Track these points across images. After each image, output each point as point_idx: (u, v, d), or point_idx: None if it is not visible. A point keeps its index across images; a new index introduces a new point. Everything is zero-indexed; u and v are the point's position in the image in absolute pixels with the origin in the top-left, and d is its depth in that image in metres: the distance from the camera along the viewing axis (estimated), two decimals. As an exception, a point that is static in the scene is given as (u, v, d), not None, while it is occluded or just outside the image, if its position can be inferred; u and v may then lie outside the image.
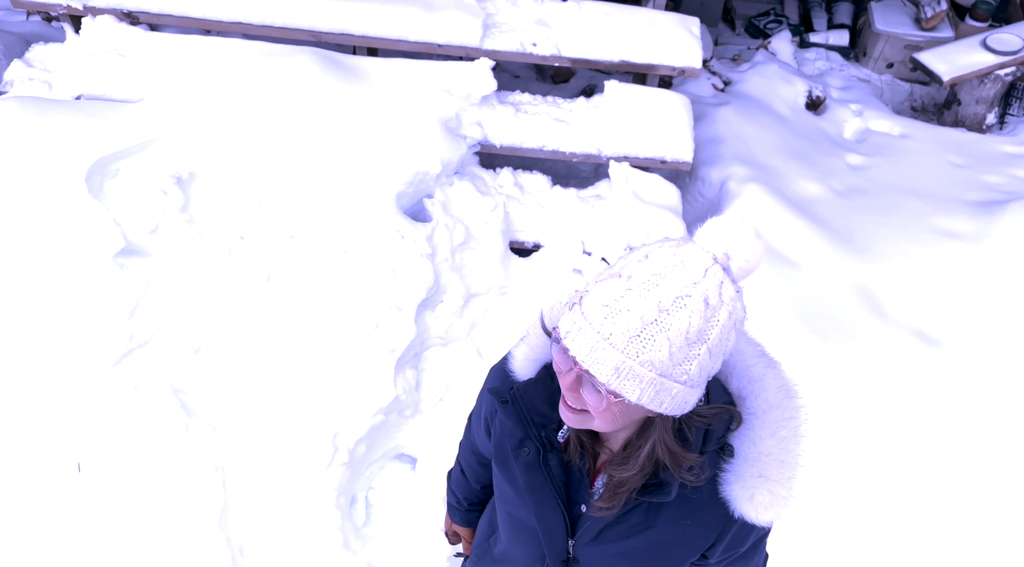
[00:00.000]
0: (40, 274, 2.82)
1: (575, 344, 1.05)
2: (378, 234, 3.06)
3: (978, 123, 4.86)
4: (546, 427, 1.32)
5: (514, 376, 1.36)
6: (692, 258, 1.03)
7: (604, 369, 1.03)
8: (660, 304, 1.01)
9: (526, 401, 1.32)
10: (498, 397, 1.36)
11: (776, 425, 1.21)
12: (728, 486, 1.23)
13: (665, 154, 3.47)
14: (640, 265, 1.04)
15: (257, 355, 2.83)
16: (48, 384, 2.69)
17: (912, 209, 3.88)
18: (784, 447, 1.21)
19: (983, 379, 3.14)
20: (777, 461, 1.20)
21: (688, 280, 1.02)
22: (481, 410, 1.54)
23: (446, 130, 3.36)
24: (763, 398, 1.23)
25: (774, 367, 1.27)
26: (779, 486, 1.21)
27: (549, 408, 1.31)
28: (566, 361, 1.11)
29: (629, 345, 1.02)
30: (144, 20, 3.72)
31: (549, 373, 1.32)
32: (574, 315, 1.06)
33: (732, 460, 1.23)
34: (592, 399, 1.10)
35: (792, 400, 1.24)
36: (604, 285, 1.06)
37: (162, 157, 3.07)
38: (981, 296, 3.38)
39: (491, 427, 1.46)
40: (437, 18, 3.67)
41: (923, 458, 2.95)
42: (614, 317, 1.02)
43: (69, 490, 2.59)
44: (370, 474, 2.94)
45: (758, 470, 1.21)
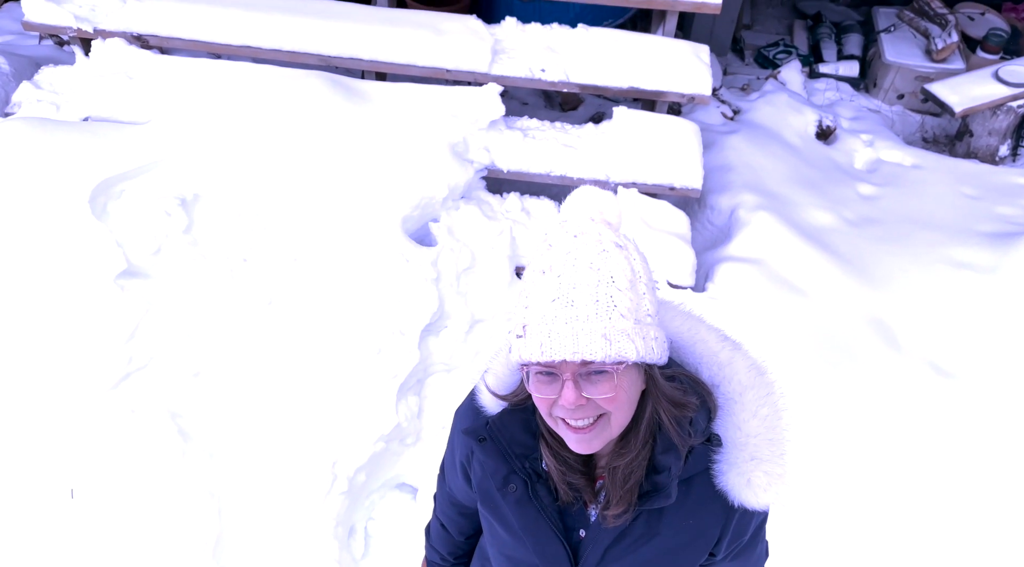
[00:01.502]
0: (41, 294, 2.78)
1: (555, 347, 1.05)
2: (383, 258, 3.02)
3: (991, 155, 4.82)
4: (528, 457, 1.27)
5: (485, 411, 1.32)
6: (582, 226, 1.11)
7: (595, 345, 1.05)
8: (591, 266, 1.07)
9: (504, 433, 1.28)
10: (474, 436, 1.31)
11: (756, 405, 1.22)
12: (722, 476, 1.22)
13: (674, 181, 3.43)
14: (550, 255, 1.10)
15: (257, 380, 2.78)
16: (44, 407, 2.64)
17: (925, 240, 3.82)
18: (769, 425, 1.21)
19: (996, 411, 3.07)
20: (766, 440, 1.21)
21: (594, 240, 1.09)
22: (455, 456, 1.46)
23: (453, 154, 3.33)
24: (736, 381, 1.24)
25: (739, 349, 1.27)
26: (773, 465, 1.20)
27: (529, 437, 1.27)
28: (552, 382, 1.10)
29: (598, 311, 1.06)
30: (154, 44, 3.74)
31: None
32: (534, 332, 1.07)
33: (721, 450, 1.22)
34: (601, 388, 1.09)
35: (764, 377, 1.24)
36: (536, 290, 1.08)
37: (167, 178, 3.06)
38: (995, 328, 3.31)
39: (469, 471, 1.40)
40: (446, 43, 3.67)
41: (935, 489, 2.88)
42: (569, 300, 1.06)
43: (61, 517, 2.53)
44: (370, 504, 2.87)
45: (749, 453, 1.20)
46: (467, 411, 1.38)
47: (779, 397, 1.24)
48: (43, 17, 3.69)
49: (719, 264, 3.42)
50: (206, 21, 3.72)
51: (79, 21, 3.66)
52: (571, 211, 1.13)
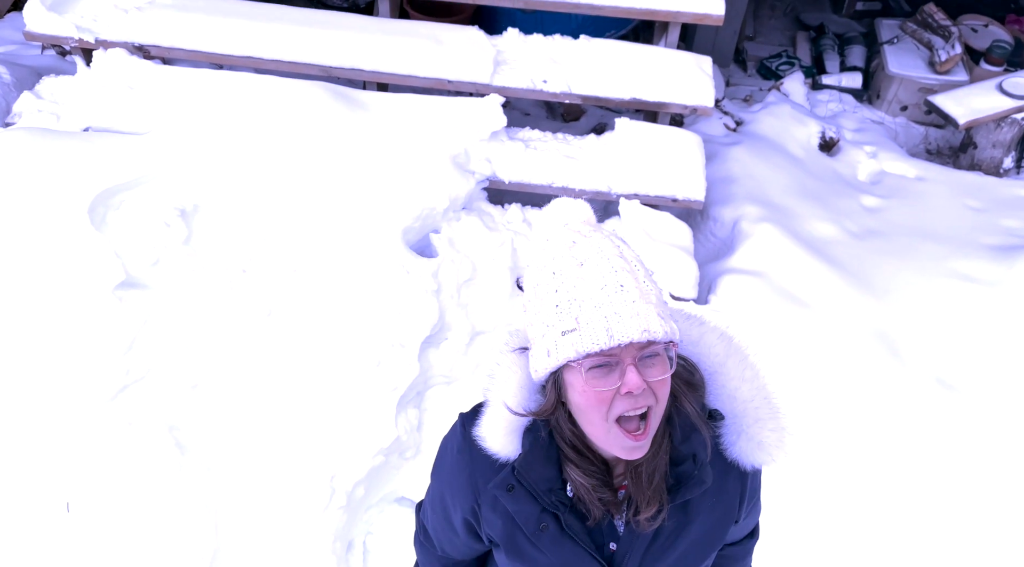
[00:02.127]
0: (39, 305, 2.77)
1: (623, 329, 1.06)
2: (383, 269, 3.00)
3: (995, 167, 4.80)
4: (553, 490, 1.24)
5: (497, 457, 1.26)
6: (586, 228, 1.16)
7: (655, 323, 1.08)
8: (621, 255, 1.12)
9: (531, 473, 1.24)
10: (503, 487, 1.26)
11: (739, 370, 1.25)
12: (732, 447, 1.25)
13: (676, 192, 3.41)
14: (577, 250, 1.12)
15: (255, 392, 2.75)
16: (41, 418, 2.62)
17: (929, 252, 3.80)
18: (758, 384, 1.25)
19: (999, 424, 3.04)
20: (762, 400, 1.24)
21: (604, 237, 1.14)
22: (451, 515, 1.39)
23: (454, 165, 3.32)
24: (713, 354, 1.27)
25: (705, 323, 1.30)
26: (776, 421, 1.24)
27: (551, 468, 1.23)
28: (609, 373, 1.10)
29: (643, 294, 1.09)
30: (156, 54, 3.73)
31: (535, 435, 1.23)
32: (592, 320, 1.08)
33: (723, 423, 1.25)
34: (656, 370, 1.10)
35: (734, 343, 1.28)
36: (578, 280, 1.10)
37: (166, 189, 3.04)
38: (999, 341, 3.29)
39: (478, 526, 1.35)
40: (447, 54, 3.67)
41: (937, 500, 2.86)
42: (618, 285, 1.09)
43: (57, 530, 2.51)
44: (368, 518, 2.84)
45: (752, 417, 1.24)
46: (470, 464, 1.30)
47: (754, 358, 1.27)
48: (45, 27, 3.68)
49: (722, 276, 3.39)
50: (208, 31, 3.72)
51: (81, 31, 3.66)
52: (562, 218, 1.17)
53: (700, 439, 1.21)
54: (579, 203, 1.19)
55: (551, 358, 1.12)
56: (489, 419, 1.26)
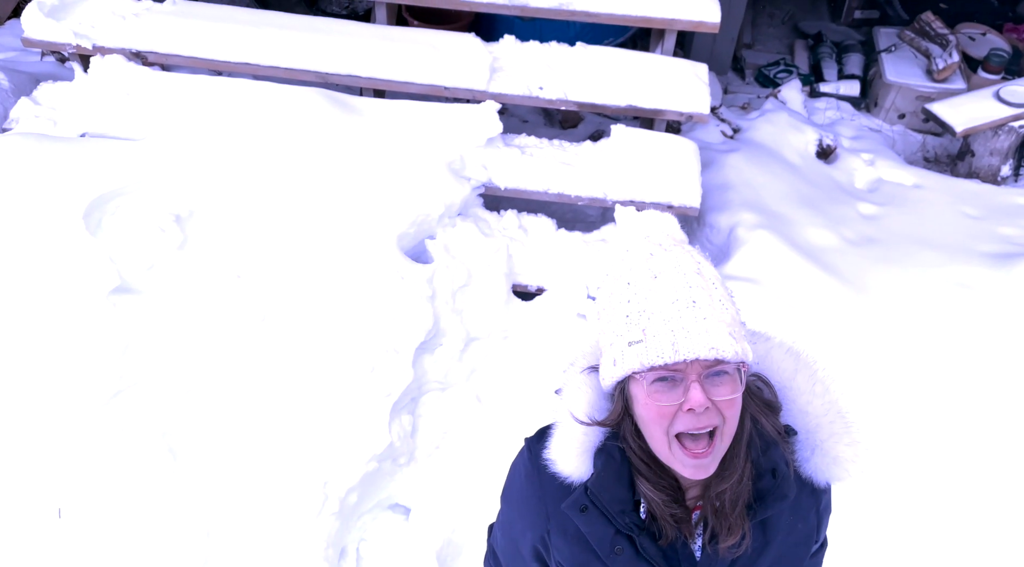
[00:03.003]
0: (33, 309, 2.77)
1: (689, 345, 1.05)
2: (378, 275, 3.00)
3: (992, 175, 4.79)
4: (627, 511, 1.22)
5: (567, 479, 1.25)
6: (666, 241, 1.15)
7: (725, 342, 1.06)
8: (698, 271, 1.11)
9: (605, 494, 1.21)
10: (576, 507, 1.24)
11: (809, 385, 1.23)
12: (807, 463, 1.23)
13: (672, 199, 3.41)
14: (654, 262, 1.12)
15: (248, 397, 2.75)
16: (33, 423, 2.62)
17: (926, 259, 3.79)
18: (831, 399, 1.22)
19: (996, 431, 3.03)
20: (836, 414, 1.22)
21: (686, 252, 1.14)
22: (519, 542, 1.37)
23: (450, 171, 3.32)
24: (781, 370, 1.25)
25: (771, 339, 1.29)
26: (851, 435, 1.21)
27: (623, 488, 1.21)
28: (673, 388, 1.09)
29: (716, 312, 1.08)
30: (153, 60, 3.74)
31: (607, 455, 1.22)
32: (660, 333, 1.07)
33: (796, 439, 1.23)
34: (723, 389, 1.08)
35: (802, 357, 1.26)
36: (650, 293, 1.09)
37: (162, 195, 3.04)
38: (996, 347, 3.28)
39: (547, 553, 1.33)
40: (444, 61, 3.67)
41: (936, 506, 2.85)
42: (690, 300, 1.08)
43: (48, 536, 2.50)
44: (362, 525, 2.82)
45: (826, 432, 1.21)
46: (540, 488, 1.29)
47: (823, 371, 1.25)
48: (42, 34, 3.70)
49: (718, 283, 3.38)
50: (205, 38, 3.73)
51: (78, 38, 3.67)
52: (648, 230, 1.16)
53: (779, 452, 1.19)
54: (666, 216, 1.21)
55: (617, 367, 1.12)
56: (559, 441, 1.25)
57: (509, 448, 2.86)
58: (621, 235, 1.11)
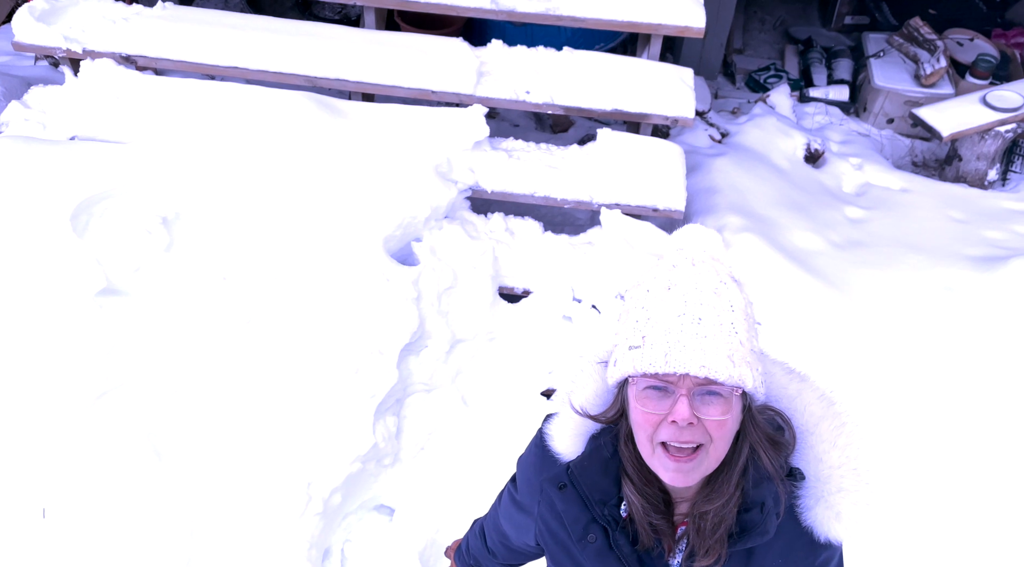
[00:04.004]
0: (19, 311, 2.78)
1: (682, 358, 1.05)
2: (363, 277, 3.01)
3: (979, 179, 4.82)
4: (607, 503, 1.23)
5: (560, 457, 1.30)
6: (699, 256, 1.14)
7: (721, 363, 1.05)
8: (716, 291, 1.09)
9: (586, 478, 1.24)
10: (555, 483, 1.28)
11: (833, 435, 1.20)
12: (808, 512, 1.19)
13: (657, 202, 3.43)
14: (673, 275, 1.11)
15: (233, 398, 2.76)
16: (18, 423, 2.62)
17: (912, 263, 3.81)
18: (851, 453, 1.19)
19: (980, 433, 3.04)
20: (850, 470, 1.18)
21: (713, 269, 1.12)
22: (520, 506, 1.42)
23: (437, 174, 3.34)
24: (808, 413, 1.22)
25: (806, 380, 1.26)
26: (861, 495, 1.18)
27: (608, 481, 1.24)
28: (663, 397, 1.09)
29: (723, 333, 1.07)
30: (143, 64, 3.76)
31: (598, 444, 1.26)
32: (657, 342, 1.07)
33: (804, 484, 1.20)
34: (713, 410, 1.08)
35: (835, 406, 1.23)
36: (660, 303, 1.09)
37: (149, 197, 3.06)
38: (980, 350, 3.29)
39: (537, 524, 1.36)
40: (431, 65, 3.70)
41: (927, 509, 2.86)
42: (696, 317, 1.07)
43: (32, 536, 2.50)
44: (346, 526, 2.83)
45: (835, 485, 1.18)
46: (536, 460, 1.35)
47: (854, 426, 1.21)
48: (33, 38, 3.72)
49: (703, 286, 3.40)
50: (194, 42, 3.75)
51: (68, 42, 3.69)
52: (685, 242, 1.16)
53: (773, 489, 1.16)
54: (711, 233, 1.19)
55: (615, 368, 1.14)
56: (559, 420, 1.30)
57: (494, 449, 2.88)
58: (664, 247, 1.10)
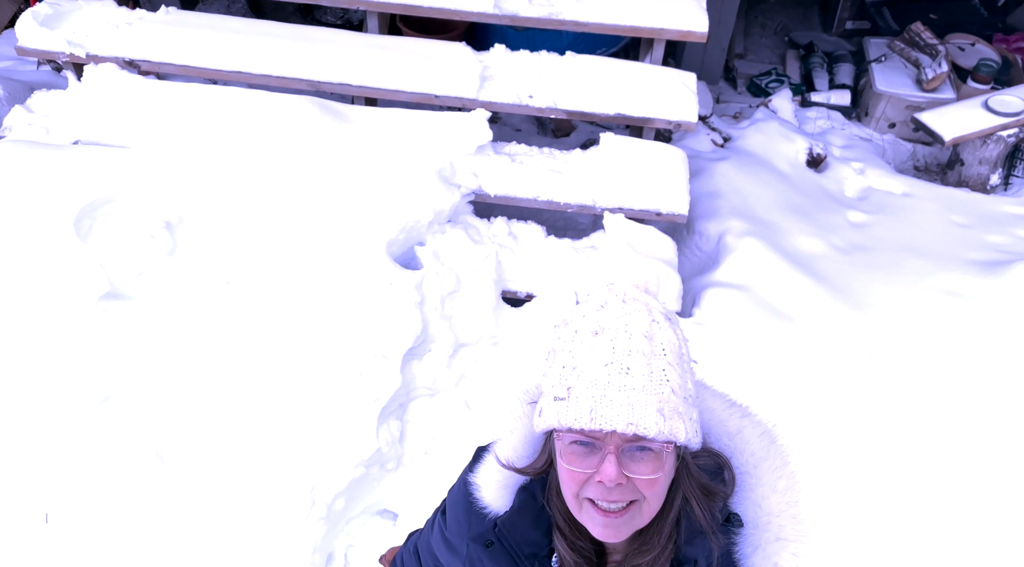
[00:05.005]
0: (23, 315, 2.78)
1: (608, 415, 0.98)
2: (367, 281, 3.01)
3: (982, 184, 4.82)
4: (538, 556, 1.18)
5: (489, 511, 1.21)
6: (631, 292, 1.06)
7: (650, 419, 0.98)
8: (646, 334, 1.02)
9: (514, 535, 1.18)
10: (481, 542, 1.21)
11: (773, 478, 1.14)
12: (746, 560, 1.13)
13: (660, 206, 3.43)
14: (601, 316, 1.03)
15: (236, 402, 2.76)
16: (21, 428, 2.62)
17: (914, 267, 3.81)
18: (790, 499, 1.13)
19: (984, 438, 3.04)
20: (789, 518, 1.12)
21: (644, 308, 1.04)
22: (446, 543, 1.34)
23: (440, 179, 3.34)
24: (748, 451, 1.16)
25: (749, 416, 1.20)
26: (799, 545, 1.11)
27: (539, 533, 1.18)
28: (589, 454, 1.03)
29: (652, 383, 1.00)
30: (146, 69, 3.76)
31: (528, 495, 1.19)
32: (582, 396, 1.00)
33: (742, 531, 1.13)
34: (644, 467, 1.02)
35: (776, 444, 1.17)
36: (586, 349, 1.02)
37: (152, 201, 3.06)
38: (983, 356, 3.29)
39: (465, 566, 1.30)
40: (434, 69, 3.70)
41: (924, 512, 2.85)
42: (624, 367, 1.00)
43: (35, 541, 2.50)
44: (349, 530, 2.83)
45: (773, 534, 1.12)
46: (466, 512, 1.26)
47: (795, 466, 1.16)
48: (37, 43, 3.72)
49: (706, 290, 3.40)
50: (198, 47, 3.76)
51: (72, 46, 3.69)
52: (616, 276, 1.10)
53: (707, 546, 1.10)
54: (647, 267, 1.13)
55: (540, 418, 1.06)
56: (486, 469, 1.22)
57: (497, 453, 2.87)
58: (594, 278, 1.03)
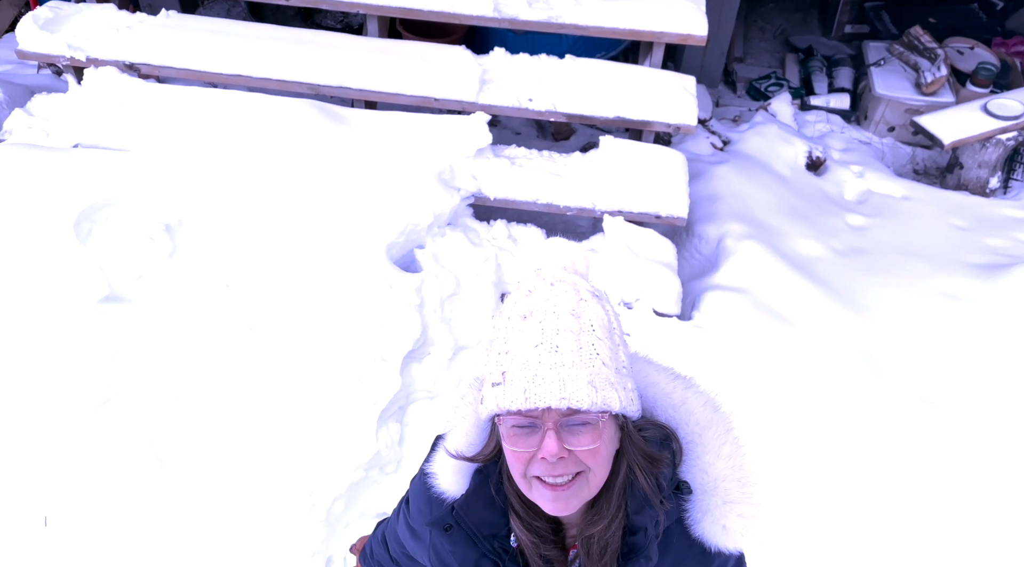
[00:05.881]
0: (23, 318, 2.78)
1: (541, 393, 1.03)
2: (366, 284, 3.01)
3: (981, 187, 4.82)
4: (497, 536, 1.22)
5: (445, 495, 1.25)
6: (558, 275, 1.11)
7: (582, 392, 1.03)
8: (573, 312, 1.06)
9: (472, 516, 1.22)
10: (440, 526, 1.25)
11: (717, 444, 1.19)
12: (697, 525, 1.19)
13: (660, 209, 3.43)
14: (529, 301, 1.08)
15: (236, 405, 2.76)
16: (20, 430, 2.62)
17: (914, 270, 3.81)
18: (734, 463, 1.19)
19: (981, 440, 3.04)
20: (734, 481, 1.18)
21: (571, 288, 1.09)
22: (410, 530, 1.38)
23: (440, 182, 3.35)
24: (693, 421, 1.21)
25: (692, 386, 1.25)
26: (745, 506, 1.17)
27: (496, 514, 1.22)
28: (531, 433, 1.06)
29: (582, 358, 1.04)
30: (146, 72, 3.77)
31: (482, 478, 1.22)
32: (516, 378, 1.04)
33: (691, 497, 1.19)
34: (584, 439, 1.06)
35: (720, 413, 1.22)
36: (516, 335, 1.06)
37: (152, 204, 3.07)
38: (981, 358, 3.29)
39: (429, 553, 1.33)
40: (434, 73, 3.71)
41: (921, 515, 2.85)
42: (553, 346, 1.04)
43: (34, 544, 2.50)
44: (348, 533, 2.82)
45: (720, 497, 1.17)
46: (425, 499, 1.30)
47: (738, 432, 1.21)
48: (37, 46, 3.73)
49: (705, 293, 3.41)
50: (198, 50, 3.77)
51: (72, 50, 3.70)
52: (545, 262, 1.13)
53: (652, 514, 1.14)
54: (575, 247, 1.15)
55: (482, 406, 1.10)
56: (441, 455, 1.25)
57: (496, 456, 2.87)
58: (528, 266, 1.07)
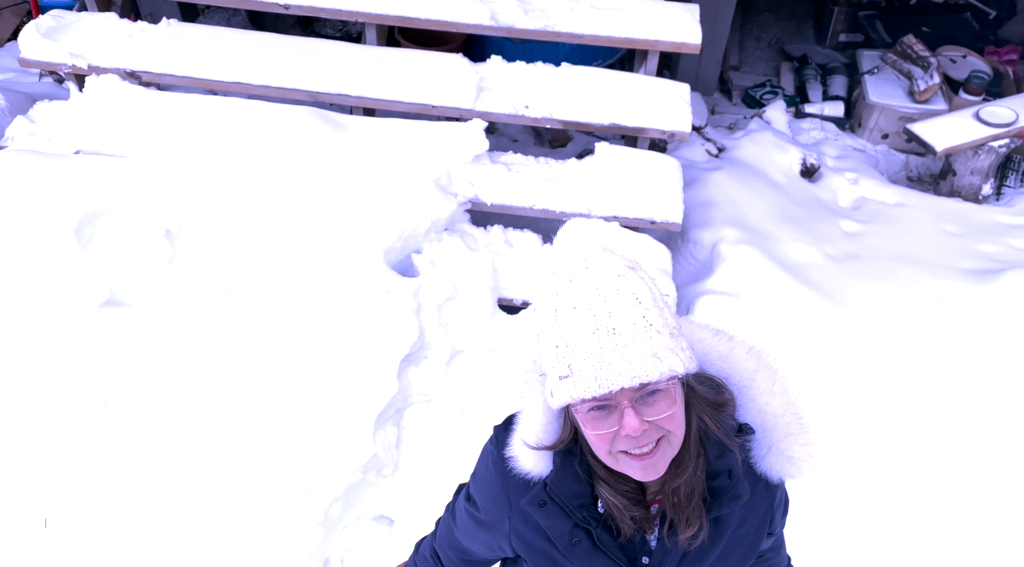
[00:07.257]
0: (23, 322, 2.80)
1: (612, 376, 1.07)
2: (364, 288, 3.04)
3: (974, 193, 4.87)
4: (585, 505, 1.27)
5: (530, 475, 1.31)
6: (588, 256, 1.14)
7: (649, 365, 1.06)
8: (617, 291, 1.09)
9: (562, 489, 1.27)
10: (535, 503, 1.29)
11: (769, 386, 1.26)
12: (763, 461, 1.27)
13: (655, 215, 3.47)
14: (572, 291, 1.11)
15: (234, 408, 2.78)
16: (20, 433, 2.65)
17: (907, 276, 3.84)
18: (789, 400, 1.25)
19: (974, 444, 3.06)
20: (793, 415, 1.25)
21: (607, 266, 1.12)
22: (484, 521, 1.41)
23: (437, 187, 3.38)
24: (741, 368, 1.27)
25: (733, 339, 1.31)
26: (806, 436, 1.25)
27: (581, 485, 1.26)
28: (608, 415, 1.11)
29: (639, 333, 1.07)
30: (147, 80, 3.81)
31: (565, 453, 1.27)
32: (583, 367, 1.08)
33: (754, 437, 1.26)
34: (660, 407, 1.10)
35: (764, 358, 1.29)
36: (569, 325, 1.10)
37: (152, 210, 3.10)
38: (975, 363, 3.32)
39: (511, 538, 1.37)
40: (432, 80, 3.75)
41: (919, 517, 2.88)
42: (609, 329, 1.07)
43: (33, 546, 2.52)
44: (346, 535, 2.84)
45: (783, 432, 1.25)
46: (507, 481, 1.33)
47: (784, 372, 1.28)
48: (39, 54, 3.77)
49: (700, 298, 3.44)
50: (198, 58, 3.81)
51: (74, 58, 3.74)
52: (571, 244, 1.16)
53: (733, 456, 1.23)
54: (594, 222, 1.19)
55: (554, 398, 1.14)
56: (517, 440, 1.30)
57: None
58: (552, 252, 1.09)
